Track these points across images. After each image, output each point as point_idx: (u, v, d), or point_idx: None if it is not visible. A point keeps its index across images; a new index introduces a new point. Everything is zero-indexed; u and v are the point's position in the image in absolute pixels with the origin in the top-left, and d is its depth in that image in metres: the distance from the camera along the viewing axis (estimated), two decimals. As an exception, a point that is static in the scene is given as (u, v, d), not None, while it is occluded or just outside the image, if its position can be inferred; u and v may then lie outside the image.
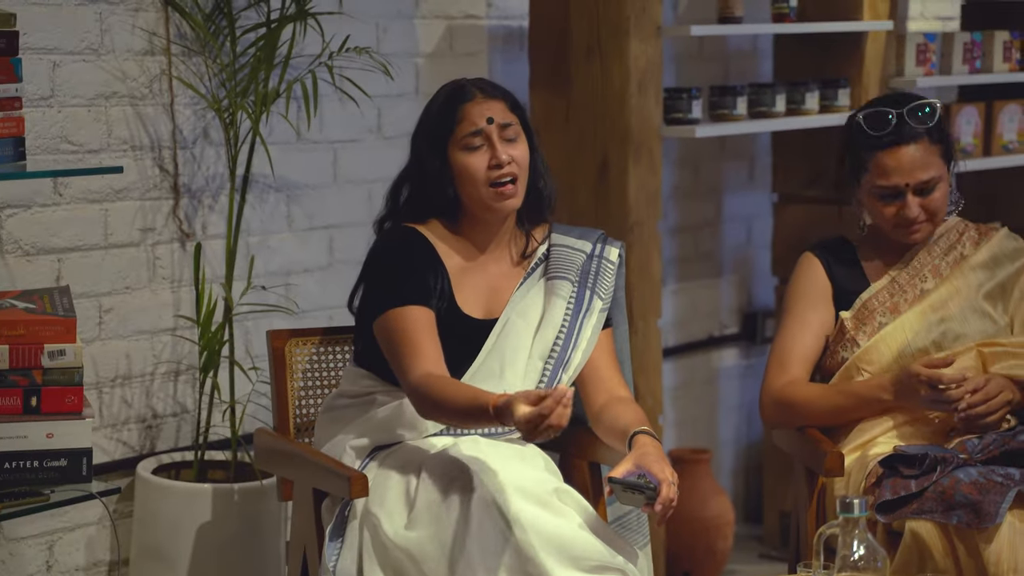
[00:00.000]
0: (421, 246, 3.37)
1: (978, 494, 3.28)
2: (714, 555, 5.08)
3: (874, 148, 3.61)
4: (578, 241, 3.50)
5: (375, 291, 3.35)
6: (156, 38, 4.07)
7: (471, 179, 3.34)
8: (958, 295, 3.66)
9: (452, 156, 3.35)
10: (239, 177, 4.13)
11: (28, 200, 3.87)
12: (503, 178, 3.34)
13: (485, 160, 3.33)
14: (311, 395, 3.64)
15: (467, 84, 3.41)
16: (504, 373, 3.33)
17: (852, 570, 2.83)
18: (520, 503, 3.06)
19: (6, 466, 3.25)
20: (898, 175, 3.59)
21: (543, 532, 3.04)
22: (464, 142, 3.34)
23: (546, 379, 3.36)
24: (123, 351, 4.09)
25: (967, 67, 5.36)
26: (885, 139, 3.60)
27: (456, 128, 3.34)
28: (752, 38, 5.60)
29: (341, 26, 4.30)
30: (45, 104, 3.87)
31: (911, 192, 3.60)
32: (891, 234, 3.66)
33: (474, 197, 3.35)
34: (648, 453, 3.16)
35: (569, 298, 3.42)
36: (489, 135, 3.34)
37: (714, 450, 5.54)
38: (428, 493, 3.14)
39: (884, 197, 3.62)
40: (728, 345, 5.69)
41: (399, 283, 3.31)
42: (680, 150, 5.43)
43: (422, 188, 3.40)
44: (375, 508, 3.18)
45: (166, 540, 3.97)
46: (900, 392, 3.53)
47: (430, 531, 3.09)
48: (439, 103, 3.40)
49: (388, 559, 3.13)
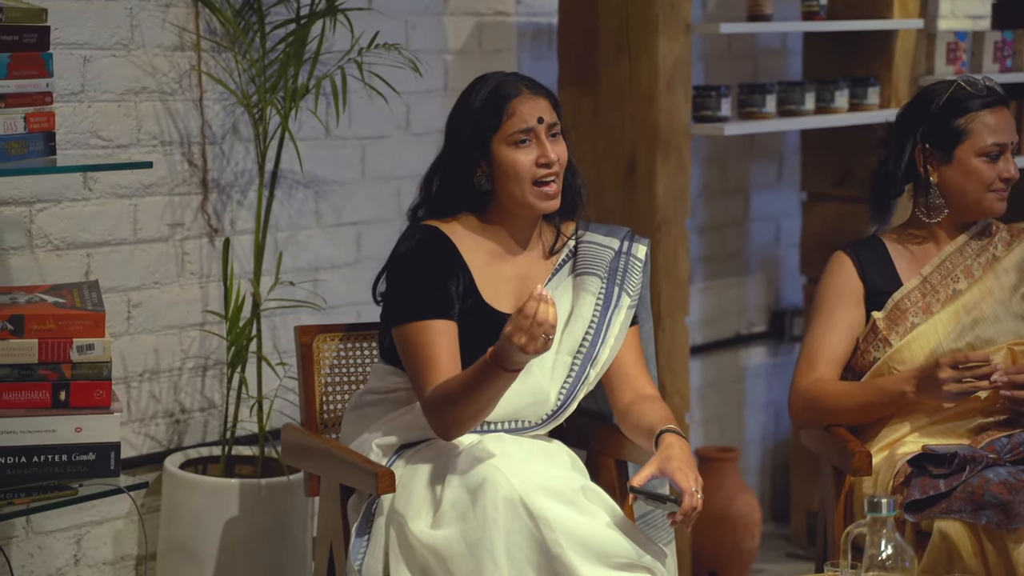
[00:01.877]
0: (442, 250, 3.34)
1: (1008, 494, 3.27)
2: (741, 554, 5.07)
3: (978, 109, 3.67)
4: (606, 238, 3.50)
5: (396, 299, 3.33)
6: (186, 33, 4.08)
7: (516, 176, 3.32)
8: (990, 296, 3.65)
9: (496, 151, 3.34)
10: (268, 173, 4.14)
11: (58, 195, 3.88)
12: (548, 177, 3.33)
13: (532, 157, 3.32)
14: (338, 391, 3.64)
15: (512, 78, 3.39)
16: (531, 368, 3.32)
17: (880, 570, 2.82)
18: (547, 501, 3.06)
19: (35, 460, 3.26)
20: (1004, 133, 3.67)
21: (571, 530, 3.04)
22: (512, 138, 3.32)
23: (574, 374, 3.36)
24: (151, 346, 4.10)
25: (998, 66, 5.34)
26: (989, 98, 3.67)
27: (504, 123, 3.32)
28: (781, 36, 5.58)
29: (370, 22, 4.30)
30: (75, 99, 3.88)
31: (1010, 151, 3.68)
32: (983, 201, 3.67)
33: (515, 194, 3.34)
34: (672, 457, 3.15)
35: (598, 294, 3.42)
36: (539, 134, 3.33)
37: (741, 449, 5.53)
38: (454, 492, 3.13)
39: (992, 156, 3.66)
40: (756, 344, 5.68)
41: (419, 294, 3.29)
42: (708, 148, 5.42)
43: (457, 180, 3.38)
44: (401, 507, 3.18)
45: (193, 535, 3.98)
46: (923, 385, 3.51)
47: (456, 530, 3.09)
48: (484, 96, 3.36)
49: (414, 558, 3.13)
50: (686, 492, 3.07)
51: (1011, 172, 3.67)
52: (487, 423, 3.32)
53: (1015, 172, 3.67)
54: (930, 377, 3.49)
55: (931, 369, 3.49)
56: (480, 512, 3.07)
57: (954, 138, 3.67)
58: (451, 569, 3.07)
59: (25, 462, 3.25)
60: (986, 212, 3.70)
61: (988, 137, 3.65)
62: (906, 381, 3.54)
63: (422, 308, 3.27)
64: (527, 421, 3.35)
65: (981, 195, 3.67)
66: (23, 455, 3.25)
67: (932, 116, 3.69)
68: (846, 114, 4.95)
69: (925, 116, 3.70)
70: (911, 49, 5.12)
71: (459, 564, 3.06)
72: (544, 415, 3.36)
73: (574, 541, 3.03)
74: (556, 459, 3.29)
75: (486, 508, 3.07)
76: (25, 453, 3.25)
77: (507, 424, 3.34)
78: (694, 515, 3.08)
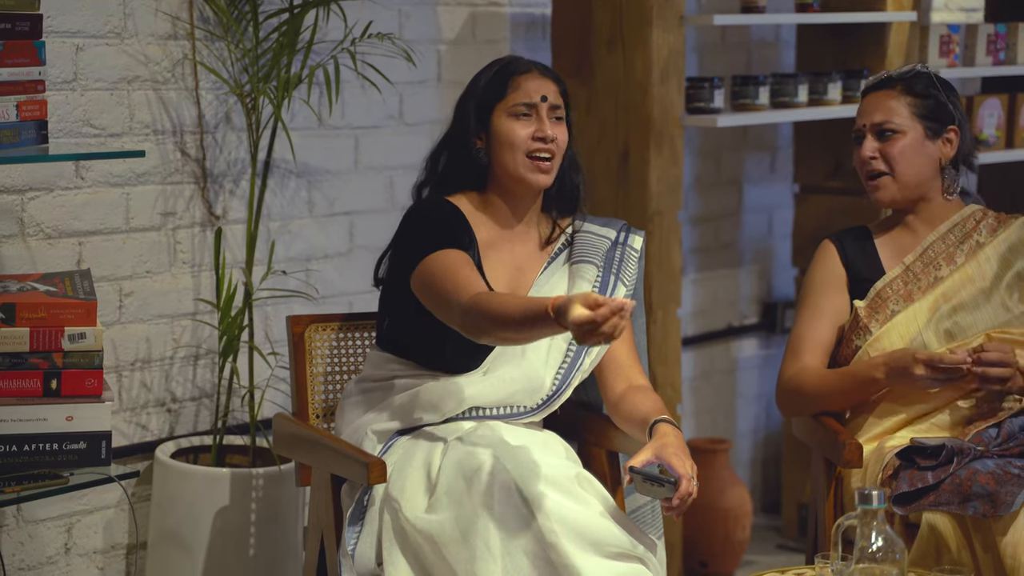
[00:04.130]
0: (456, 215, 3.38)
1: (995, 484, 3.28)
2: (731, 545, 5.08)
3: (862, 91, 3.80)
4: (603, 228, 3.52)
5: (412, 242, 3.32)
6: (179, 22, 4.07)
7: (510, 145, 3.35)
8: (971, 283, 3.65)
9: (495, 121, 3.38)
10: (260, 162, 4.13)
11: (50, 183, 3.88)
12: (542, 152, 3.36)
13: (530, 130, 3.36)
14: (330, 381, 3.64)
15: (525, 60, 3.44)
16: (527, 353, 3.34)
17: (870, 561, 2.83)
18: (542, 488, 3.07)
19: (25, 448, 3.26)
20: (862, 116, 3.73)
21: (565, 518, 3.05)
22: (512, 109, 3.37)
23: (568, 360, 3.37)
24: (143, 335, 4.10)
25: (990, 58, 5.34)
26: (868, 83, 3.78)
27: (507, 95, 3.38)
28: (775, 28, 5.58)
29: (363, 12, 4.30)
30: (68, 87, 3.88)
31: (869, 133, 3.70)
32: (864, 184, 3.73)
33: (508, 165, 3.37)
34: (669, 444, 3.16)
35: (594, 282, 3.43)
36: (540, 111, 3.37)
37: (732, 440, 5.54)
38: (449, 478, 3.14)
39: (856, 139, 3.73)
40: (748, 335, 5.69)
41: (436, 233, 3.31)
42: (702, 140, 5.42)
43: (459, 156, 3.42)
44: (395, 492, 3.18)
45: (184, 524, 3.98)
46: (893, 374, 3.52)
47: (451, 515, 3.10)
48: (493, 71, 3.43)
49: (407, 543, 3.14)
50: (683, 476, 3.08)
51: (866, 152, 3.67)
52: (482, 409, 3.33)
53: (870, 152, 3.67)
54: (901, 368, 3.49)
55: (902, 359, 3.49)
56: (475, 498, 3.08)
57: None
58: (445, 555, 3.08)
59: (16, 451, 3.25)
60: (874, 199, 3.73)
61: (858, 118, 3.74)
62: (876, 368, 3.54)
63: (440, 242, 3.28)
64: (522, 406, 3.35)
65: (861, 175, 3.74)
66: (14, 444, 3.25)
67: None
68: (839, 106, 4.95)
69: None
70: (904, 42, 5.12)
71: (453, 550, 3.07)
72: (539, 400, 3.37)
73: (569, 529, 3.04)
74: (551, 448, 3.29)
75: (481, 494, 3.08)
76: (16, 442, 3.25)
77: (502, 409, 3.34)
78: (689, 501, 3.09)
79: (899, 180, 3.68)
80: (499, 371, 3.35)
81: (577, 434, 3.57)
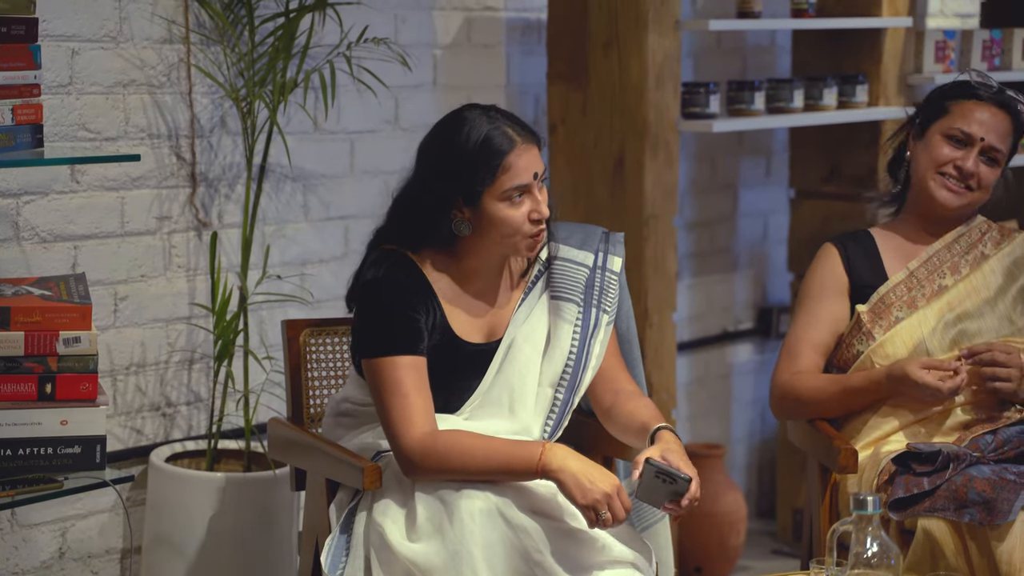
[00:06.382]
0: (412, 280, 3.24)
1: (991, 491, 3.28)
2: (726, 551, 5.08)
3: (966, 96, 3.66)
4: (580, 253, 3.40)
5: (365, 331, 3.23)
6: (175, 26, 4.07)
7: (511, 231, 3.21)
8: (976, 293, 3.66)
9: (487, 204, 3.19)
10: (256, 166, 4.13)
11: (45, 187, 3.87)
12: (538, 230, 3.24)
13: (524, 211, 3.21)
14: (325, 385, 3.64)
15: (500, 124, 3.21)
16: (513, 407, 3.28)
17: (865, 567, 2.83)
18: (524, 510, 3.06)
19: (20, 452, 3.26)
20: (979, 126, 3.63)
21: (550, 537, 3.04)
22: (507, 195, 3.19)
23: (558, 406, 3.32)
24: (138, 339, 4.09)
25: (986, 64, 5.35)
26: (982, 91, 3.67)
27: (499, 179, 3.18)
28: (770, 33, 5.59)
29: (359, 16, 4.29)
30: (63, 91, 3.87)
31: (979, 148, 3.63)
32: (927, 181, 3.65)
33: (503, 245, 3.24)
34: (673, 450, 3.14)
35: (575, 321, 3.34)
36: (532, 189, 3.21)
37: (727, 445, 5.54)
38: (428, 504, 3.10)
39: (955, 140, 3.64)
40: (743, 340, 5.69)
41: (388, 328, 3.19)
42: (697, 145, 5.42)
43: (434, 220, 3.24)
44: (379, 516, 3.15)
45: (179, 528, 3.97)
46: (893, 378, 3.52)
47: (435, 543, 3.06)
48: (475, 146, 3.18)
49: (396, 567, 3.10)
50: (694, 477, 3.08)
51: (968, 166, 3.62)
52: None
53: (972, 167, 3.62)
54: (902, 376, 3.49)
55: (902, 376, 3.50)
56: (457, 525, 3.05)
57: (935, 116, 3.68)
58: None
59: (10, 455, 3.25)
60: (929, 197, 3.66)
61: (959, 121, 3.64)
62: (876, 383, 3.55)
63: (391, 343, 3.18)
64: None
65: (928, 174, 3.66)
66: (8, 448, 3.24)
67: (933, 97, 3.72)
68: (835, 112, 4.96)
69: (929, 98, 3.72)
70: (900, 47, 5.13)
71: None
72: None
73: (555, 548, 3.03)
74: None
75: (463, 520, 3.04)
76: (10, 446, 3.24)
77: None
78: (693, 504, 3.09)
79: (976, 199, 3.68)
80: (482, 421, 3.27)
81: (569, 441, 3.55)
